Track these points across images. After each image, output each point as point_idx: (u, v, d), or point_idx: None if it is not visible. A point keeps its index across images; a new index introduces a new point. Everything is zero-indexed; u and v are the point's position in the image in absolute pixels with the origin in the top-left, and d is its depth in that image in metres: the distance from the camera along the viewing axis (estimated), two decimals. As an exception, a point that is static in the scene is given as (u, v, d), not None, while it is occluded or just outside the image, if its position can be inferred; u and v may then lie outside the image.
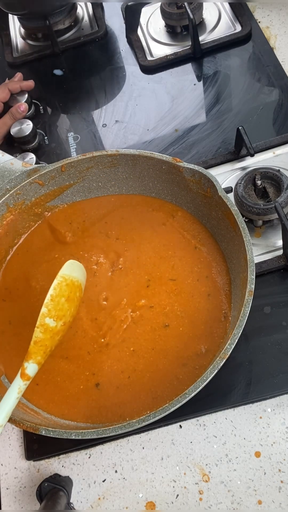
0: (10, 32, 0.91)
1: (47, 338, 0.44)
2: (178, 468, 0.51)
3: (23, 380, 0.43)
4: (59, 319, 0.45)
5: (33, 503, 0.52)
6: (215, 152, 0.68)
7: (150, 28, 0.84)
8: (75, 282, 0.48)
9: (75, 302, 0.48)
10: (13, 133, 0.74)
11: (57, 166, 0.58)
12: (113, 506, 0.51)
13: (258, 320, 0.55)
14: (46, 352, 0.45)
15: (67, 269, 0.47)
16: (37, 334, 0.44)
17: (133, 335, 0.53)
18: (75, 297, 0.48)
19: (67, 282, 0.47)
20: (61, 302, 0.46)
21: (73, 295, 0.47)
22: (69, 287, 0.47)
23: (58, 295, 0.46)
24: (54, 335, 0.45)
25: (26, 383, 0.43)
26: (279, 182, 0.58)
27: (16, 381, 0.43)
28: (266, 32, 0.78)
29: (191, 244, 0.57)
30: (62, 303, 0.46)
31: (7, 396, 0.42)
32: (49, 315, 0.45)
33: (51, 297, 0.45)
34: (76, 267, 0.49)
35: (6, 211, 0.58)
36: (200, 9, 0.80)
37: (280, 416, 0.51)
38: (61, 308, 0.46)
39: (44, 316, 0.45)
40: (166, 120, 0.74)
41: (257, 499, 0.48)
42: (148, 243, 0.58)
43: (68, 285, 0.47)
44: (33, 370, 0.43)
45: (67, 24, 0.87)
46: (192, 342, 0.52)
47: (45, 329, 0.44)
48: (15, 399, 0.42)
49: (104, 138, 0.75)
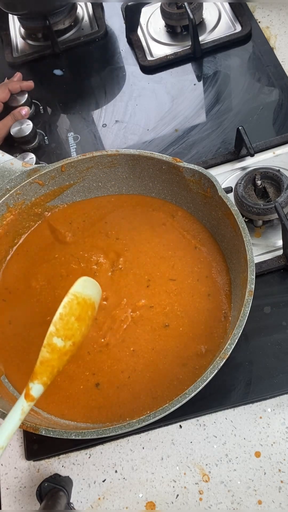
0: (10, 32, 0.92)
1: (54, 358, 0.42)
2: (178, 468, 0.51)
3: (27, 401, 0.40)
4: (68, 339, 0.43)
5: (33, 503, 0.52)
6: (215, 152, 0.68)
7: (150, 28, 0.84)
8: (88, 300, 0.45)
9: (86, 321, 0.45)
10: (13, 133, 0.74)
11: (57, 166, 0.58)
12: (113, 506, 0.51)
13: (258, 320, 0.55)
14: (53, 372, 0.42)
15: (79, 286, 0.44)
16: (43, 354, 0.41)
17: (133, 335, 0.53)
18: (86, 316, 0.45)
19: (78, 300, 0.44)
20: (70, 321, 0.43)
21: (85, 314, 0.44)
22: (81, 305, 0.44)
23: (68, 314, 0.43)
24: (62, 355, 0.42)
25: (30, 404, 0.40)
26: (279, 182, 0.58)
27: (19, 401, 0.40)
28: (266, 32, 0.78)
29: (191, 244, 0.57)
30: (71, 322, 0.43)
31: (9, 417, 0.40)
32: (57, 335, 0.42)
33: (60, 316, 0.42)
34: (90, 284, 0.46)
35: (6, 211, 0.58)
36: (200, 9, 0.80)
37: (280, 416, 0.51)
38: (70, 328, 0.43)
39: (51, 335, 0.42)
40: (166, 120, 0.74)
41: (257, 499, 0.48)
42: (148, 243, 0.58)
43: (79, 304, 0.44)
44: (38, 391, 0.41)
45: (67, 24, 0.87)
46: (192, 342, 0.52)
47: (52, 349, 0.42)
48: (18, 420, 0.40)
49: (104, 138, 0.75)
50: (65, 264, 0.59)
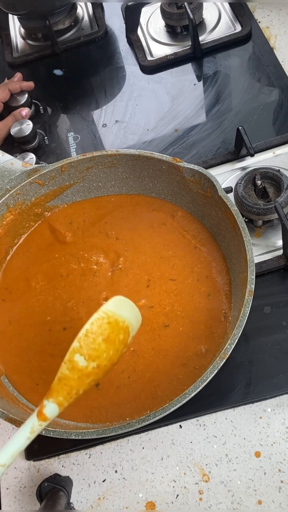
0: (10, 32, 0.92)
1: (74, 378, 0.38)
2: (178, 468, 0.51)
3: (39, 420, 0.37)
4: (92, 360, 0.39)
5: (33, 503, 0.52)
6: (215, 152, 0.68)
7: (150, 28, 0.84)
8: (120, 323, 0.41)
9: (116, 345, 0.40)
10: (13, 133, 0.74)
11: (57, 166, 0.58)
12: (113, 506, 0.51)
13: (258, 320, 0.55)
14: (71, 394, 0.38)
15: (112, 305, 0.40)
16: (62, 370, 0.38)
17: (133, 335, 0.53)
18: (116, 339, 0.40)
19: (109, 320, 0.40)
20: (97, 341, 0.39)
21: (115, 336, 0.40)
22: (112, 326, 0.40)
23: (95, 332, 0.39)
24: (83, 376, 0.38)
25: (41, 424, 0.37)
26: (279, 182, 0.58)
27: (30, 419, 0.37)
28: (266, 32, 0.78)
29: (191, 244, 0.57)
30: (98, 343, 0.39)
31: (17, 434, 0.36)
32: (80, 352, 0.38)
33: (86, 332, 0.39)
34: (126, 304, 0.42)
35: (6, 211, 0.58)
36: (200, 9, 0.80)
37: (280, 416, 0.51)
38: (96, 348, 0.39)
39: (74, 352, 0.38)
40: (166, 120, 0.74)
41: (257, 499, 0.48)
42: (148, 243, 0.58)
43: (110, 324, 0.40)
44: (53, 411, 0.37)
45: (67, 24, 0.87)
46: (192, 342, 0.52)
47: (72, 366, 0.38)
48: (26, 439, 0.36)
49: (104, 138, 0.75)
50: (65, 264, 0.59)
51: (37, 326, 0.56)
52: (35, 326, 0.56)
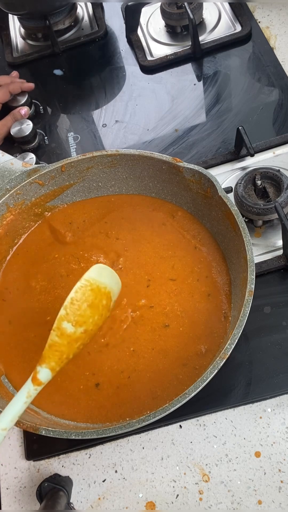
0: (10, 32, 0.92)
1: (63, 343, 0.41)
2: (178, 468, 0.51)
3: (34, 385, 0.40)
4: (79, 325, 0.42)
5: (33, 503, 0.52)
6: (215, 152, 0.68)
7: (150, 28, 0.84)
8: (102, 289, 0.43)
9: (100, 310, 0.44)
10: (13, 133, 0.74)
11: (57, 166, 0.58)
12: (113, 506, 0.51)
13: (258, 320, 0.55)
14: (62, 359, 0.41)
15: (94, 272, 0.43)
16: (52, 337, 0.41)
17: (133, 335, 0.53)
18: (100, 305, 0.43)
19: (92, 287, 0.43)
20: (82, 307, 0.42)
21: (98, 302, 0.43)
22: (95, 292, 0.43)
23: (79, 299, 0.42)
24: (71, 341, 0.41)
25: (36, 389, 0.40)
26: (279, 182, 0.58)
27: (26, 384, 0.40)
28: (266, 32, 0.78)
29: (191, 244, 0.57)
30: (83, 309, 0.42)
31: (14, 399, 0.39)
32: (67, 319, 0.41)
33: (71, 300, 0.41)
34: (107, 272, 0.45)
35: (6, 211, 0.58)
36: (200, 9, 0.80)
37: (280, 416, 0.51)
38: (82, 314, 0.42)
39: (61, 320, 0.41)
40: (166, 120, 0.74)
41: (257, 499, 0.48)
42: (148, 243, 0.58)
43: (93, 290, 0.43)
44: (46, 375, 0.40)
45: (67, 24, 0.87)
46: (192, 342, 0.52)
47: (61, 333, 0.41)
48: (23, 403, 0.39)
49: (104, 138, 0.75)
50: (65, 264, 0.59)
51: (37, 326, 0.56)
52: (35, 326, 0.56)
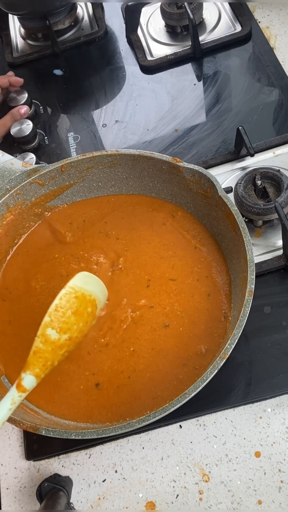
0: (10, 32, 0.92)
1: (47, 350, 0.41)
2: (178, 468, 0.51)
3: (18, 391, 0.40)
4: (63, 332, 0.42)
5: (33, 503, 0.52)
6: (215, 152, 0.68)
7: (150, 28, 0.84)
8: (87, 296, 0.44)
9: (85, 317, 0.44)
10: (13, 133, 0.74)
11: (57, 166, 0.58)
12: (113, 506, 0.51)
13: (258, 320, 0.55)
14: (46, 365, 0.41)
15: (79, 280, 0.43)
16: (36, 344, 0.41)
17: (133, 335, 0.53)
18: (85, 312, 0.44)
19: (77, 295, 0.43)
20: (66, 314, 0.42)
21: (83, 309, 0.43)
22: (79, 300, 0.43)
23: (63, 306, 0.42)
24: (56, 348, 0.42)
25: (21, 395, 0.40)
26: (279, 182, 0.58)
27: (10, 391, 0.40)
28: (266, 32, 0.78)
29: (191, 244, 0.57)
30: (68, 316, 0.42)
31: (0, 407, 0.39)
32: (51, 326, 0.41)
33: (56, 307, 0.42)
34: (91, 280, 0.45)
35: (6, 211, 0.58)
36: (200, 9, 0.80)
37: (280, 416, 0.51)
38: (66, 321, 0.42)
39: (46, 326, 0.41)
40: (166, 120, 0.74)
41: (257, 499, 0.48)
42: (148, 243, 0.58)
43: (77, 298, 0.43)
44: (30, 382, 0.41)
45: (67, 24, 0.87)
46: (192, 342, 0.52)
47: (45, 339, 0.41)
48: (7, 410, 0.39)
49: (104, 138, 0.75)
50: (65, 264, 0.59)
51: (37, 326, 0.55)
52: (35, 326, 0.55)
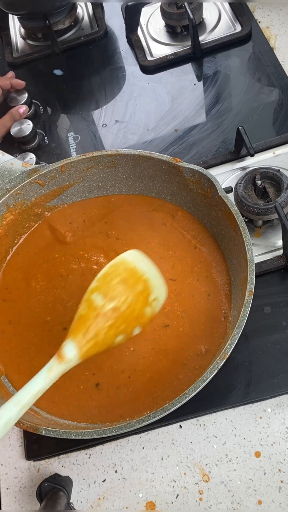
0: (10, 32, 0.91)
1: (90, 316, 0.38)
2: (178, 468, 0.51)
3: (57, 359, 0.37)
4: (109, 299, 0.39)
5: (33, 503, 0.52)
6: (215, 152, 0.68)
7: (150, 28, 0.84)
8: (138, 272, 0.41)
9: (134, 291, 0.41)
10: (13, 133, 0.74)
11: (57, 166, 0.58)
12: (113, 506, 0.51)
13: (258, 320, 0.55)
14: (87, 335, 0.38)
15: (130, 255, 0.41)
16: (80, 310, 0.38)
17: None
18: (134, 287, 0.41)
19: (126, 267, 0.41)
20: (114, 281, 0.40)
21: (133, 282, 0.41)
22: (128, 272, 0.41)
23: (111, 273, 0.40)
24: (99, 316, 0.38)
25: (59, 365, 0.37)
26: (279, 182, 0.58)
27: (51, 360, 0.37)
28: (266, 32, 0.78)
29: (191, 244, 0.57)
30: (115, 283, 0.40)
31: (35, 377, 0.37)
32: (97, 290, 0.39)
33: (104, 274, 0.39)
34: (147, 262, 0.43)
35: (6, 211, 0.58)
36: (200, 9, 0.80)
37: (280, 416, 0.51)
38: (113, 288, 0.39)
39: (92, 291, 0.39)
40: (166, 120, 0.74)
41: (257, 499, 0.48)
42: (148, 243, 0.58)
43: (127, 270, 0.41)
44: (71, 351, 0.37)
45: (67, 24, 0.87)
46: (192, 342, 0.52)
47: (89, 304, 0.38)
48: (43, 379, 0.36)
49: (104, 138, 0.75)
50: (65, 264, 0.59)
51: (37, 326, 0.56)
52: (35, 326, 0.56)
